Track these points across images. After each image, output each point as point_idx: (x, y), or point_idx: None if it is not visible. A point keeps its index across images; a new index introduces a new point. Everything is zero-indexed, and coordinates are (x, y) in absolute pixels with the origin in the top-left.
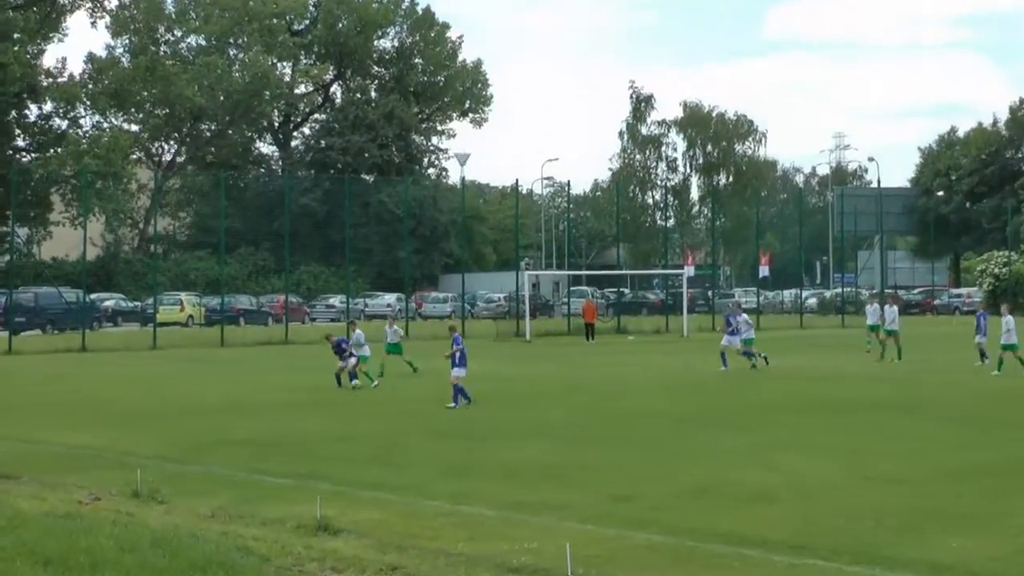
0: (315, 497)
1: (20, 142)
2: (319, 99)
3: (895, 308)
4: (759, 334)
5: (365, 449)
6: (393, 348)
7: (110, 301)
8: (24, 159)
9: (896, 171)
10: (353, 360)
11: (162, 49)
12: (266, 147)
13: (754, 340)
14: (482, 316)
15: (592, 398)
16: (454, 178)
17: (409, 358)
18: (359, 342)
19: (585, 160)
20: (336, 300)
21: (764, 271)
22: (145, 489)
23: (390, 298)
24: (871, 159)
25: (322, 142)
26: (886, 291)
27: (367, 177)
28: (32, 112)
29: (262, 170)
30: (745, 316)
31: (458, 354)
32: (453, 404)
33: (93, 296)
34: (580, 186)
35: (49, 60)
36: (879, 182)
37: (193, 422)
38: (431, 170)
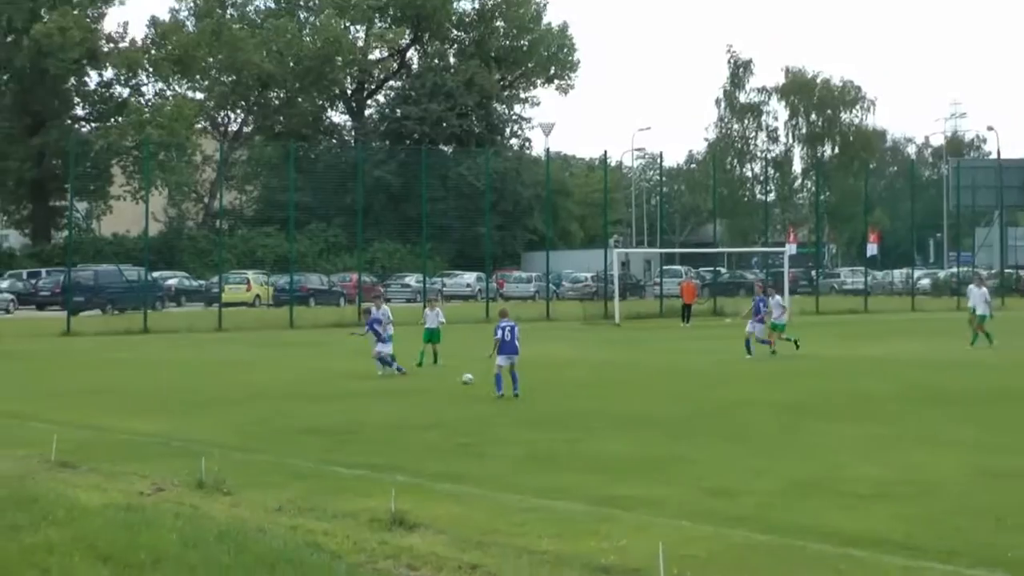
0: (390, 489)
1: (79, 111)
2: (394, 65)
3: (983, 289)
4: (855, 320)
5: (446, 438)
6: (432, 335)
7: (173, 280)
8: (83, 129)
9: (1018, 141)
10: (385, 347)
11: (228, 12)
12: (338, 116)
13: (785, 326)
14: (568, 297)
15: (689, 386)
16: (538, 149)
17: (421, 350)
18: (386, 320)
19: (679, 130)
20: (412, 279)
21: (872, 249)
22: (210, 479)
23: (469, 277)
24: (990, 128)
25: (397, 111)
26: (975, 271)
27: (445, 148)
28: (92, 79)
29: (334, 141)
30: (779, 299)
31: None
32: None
33: (155, 274)
34: (673, 158)
35: (110, 25)
36: (999, 153)
37: (261, 408)
38: (514, 141)
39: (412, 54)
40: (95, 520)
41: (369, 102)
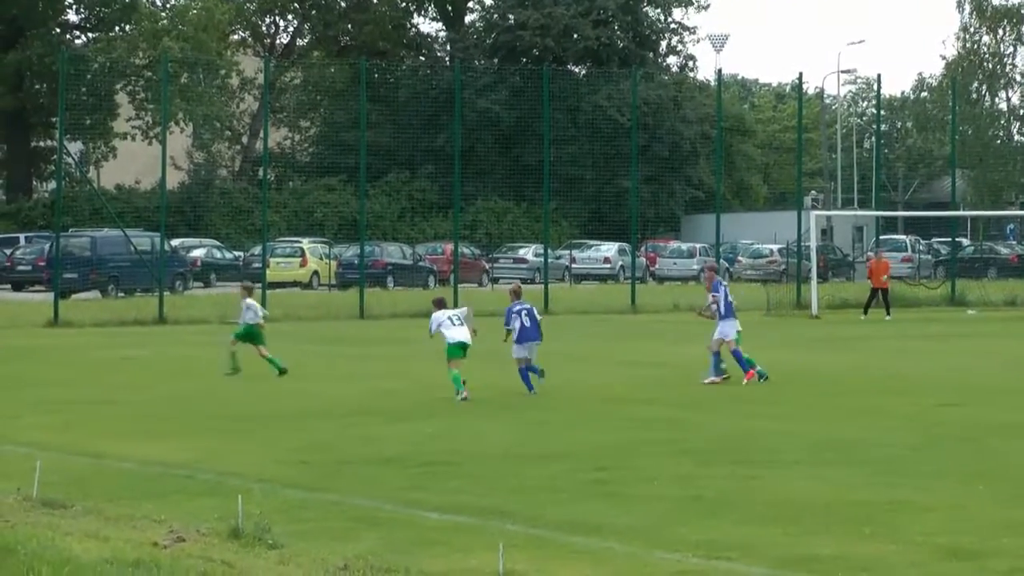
0: (498, 543)
1: (71, 15)
2: None
3: None
4: None
5: (575, 473)
6: (461, 347)
7: (200, 250)
8: (77, 41)
9: None
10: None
11: None
12: (427, 24)
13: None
14: (746, 278)
15: (915, 404)
16: (706, 71)
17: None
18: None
19: (904, 44)
20: (529, 251)
21: None
22: (249, 526)
23: (608, 250)
24: None
25: (509, 17)
26: None
27: (576, 69)
28: None
29: (422, 58)
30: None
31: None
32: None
33: (175, 242)
34: (896, 83)
35: None
36: None
37: (320, 430)
38: (672, 59)
39: None
40: None
41: (470, 4)
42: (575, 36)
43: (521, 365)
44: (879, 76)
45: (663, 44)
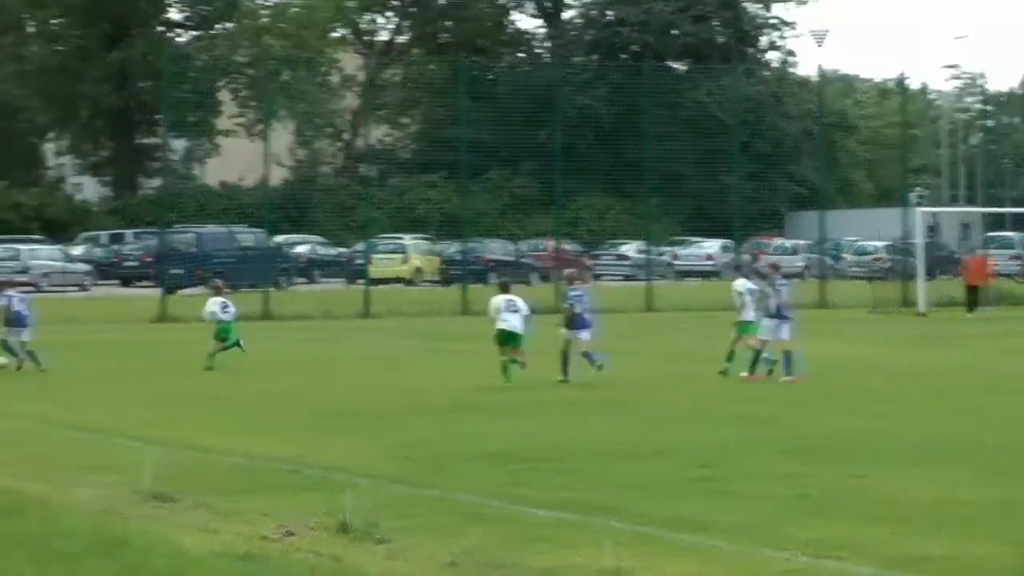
0: (604, 539)
1: (174, 14)
2: None
3: None
4: None
5: (679, 469)
6: (509, 336)
7: (304, 246)
8: (180, 39)
9: None
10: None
11: None
12: (527, 21)
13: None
14: (851, 275)
15: (1022, 403)
16: (807, 67)
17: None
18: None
19: (1009, 39)
20: (631, 248)
21: None
22: (357, 521)
23: (711, 246)
24: None
25: (608, 13)
26: None
27: (677, 66)
28: None
29: (521, 55)
30: (752, 286)
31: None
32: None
33: (279, 239)
34: (1003, 78)
35: None
36: None
37: (425, 425)
38: (772, 55)
39: None
40: (204, 573)
41: (569, 0)
42: (675, 32)
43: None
44: (982, 73)
45: (763, 40)
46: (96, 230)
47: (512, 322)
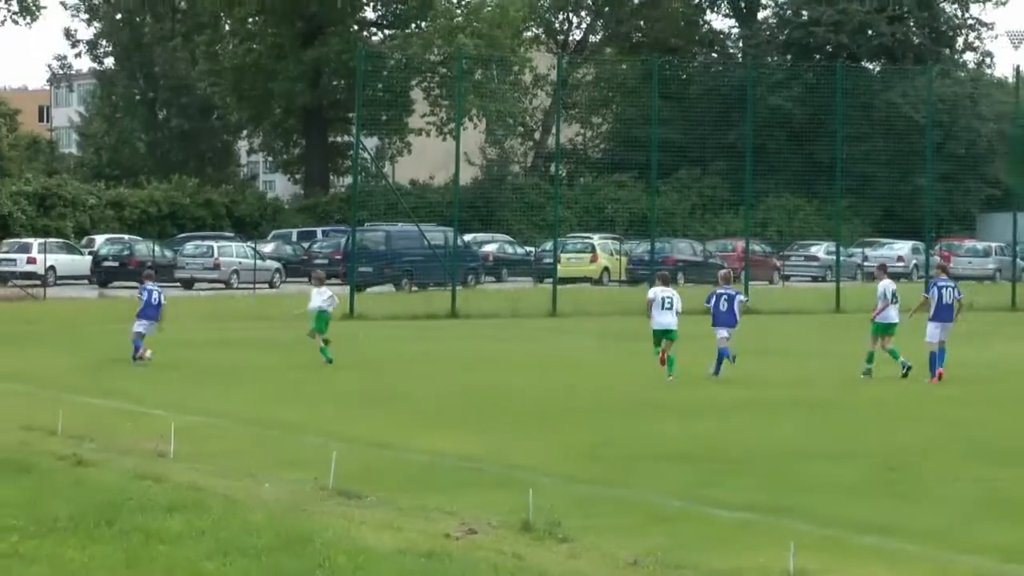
0: (788, 541)
1: (368, 13)
2: None
3: None
4: None
5: (866, 472)
6: (664, 334)
7: (492, 245)
8: (374, 38)
9: None
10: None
11: None
12: (720, 21)
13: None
14: None
15: None
16: (1003, 68)
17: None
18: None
19: None
20: (820, 249)
21: None
22: (540, 520)
23: (902, 248)
24: None
25: (803, 13)
26: None
27: (870, 66)
28: None
29: (714, 55)
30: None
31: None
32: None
33: (467, 237)
34: None
35: None
36: None
37: (609, 424)
38: (968, 55)
39: None
40: (386, 570)
41: (764, 0)
42: (870, 32)
43: (719, 346)
44: None
45: (960, 40)
46: (286, 228)
47: (666, 320)
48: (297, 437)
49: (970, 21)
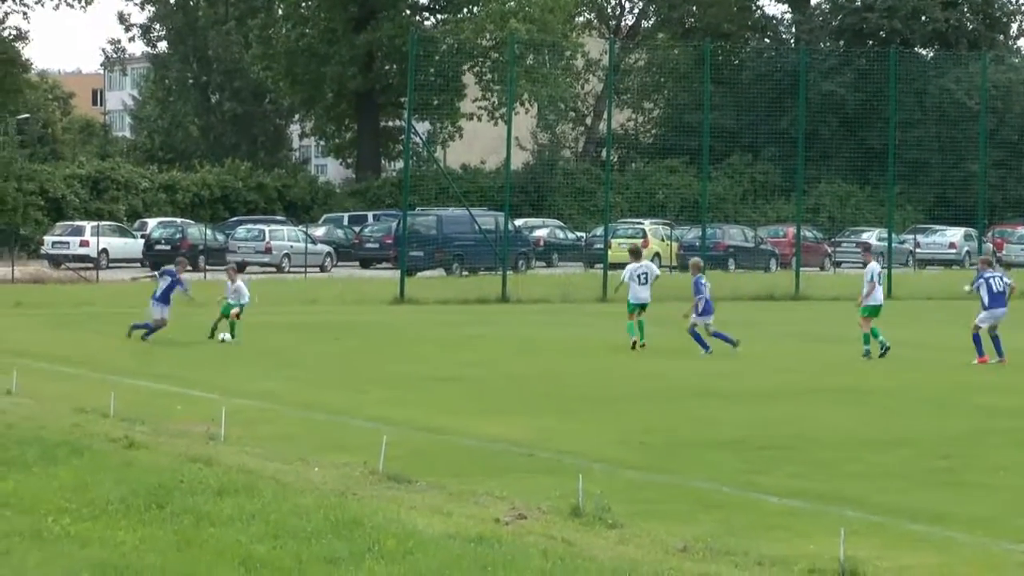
0: (838, 529)
1: None
2: None
3: None
4: None
5: (917, 460)
6: (639, 307)
7: (542, 230)
8: (426, 23)
9: None
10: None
11: None
12: (773, 7)
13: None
14: None
15: None
16: None
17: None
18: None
19: None
20: (872, 235)
21: None
22: (590, 506)
23: (954, 235)
24: None
25: (856, 0)
26: None
27: (923, 52)
28: None
29: (767, 40)
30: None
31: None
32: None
33: (518, 222)
34: None
35: None
36: None
37: (660, 410)
38: (1022, 42)
39: None
40: (436, 554)
41: None
42: (923, 18)
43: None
44: None
45: (1014, 26)
46: (338, 212)
47: (644, 294)
48: (347, 421)
49: None
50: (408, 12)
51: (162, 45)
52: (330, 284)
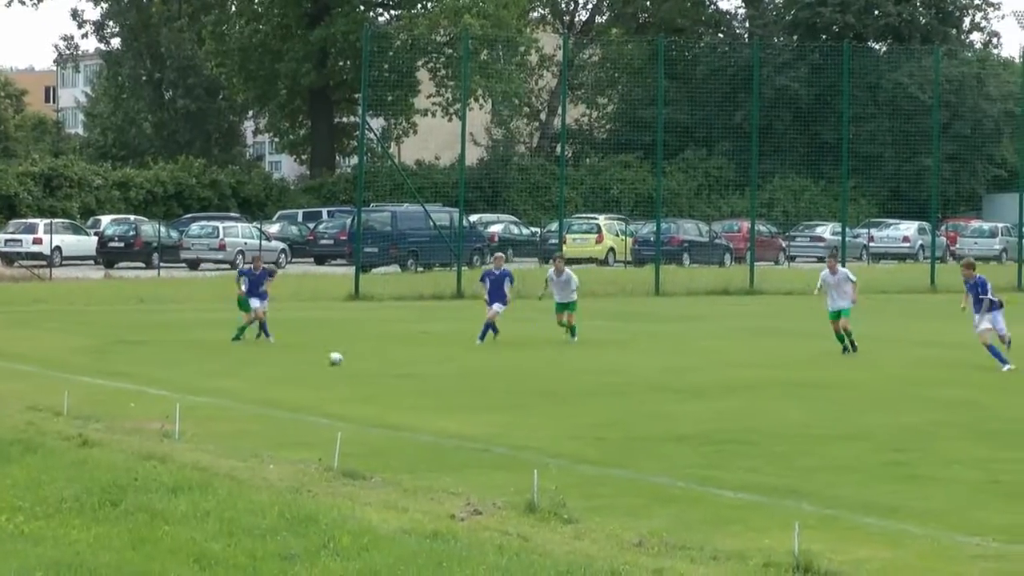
0: (793, 522)
1: None
2: None
3: None
4: None
5: (871, 454)
6: (565, 306)
7: (497, 226)
8: (380, 19)
9: None
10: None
11: None
12: (726, 1)
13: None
14: None
15: None
16: (1010, 48)
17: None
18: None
19: None
20: (826, 230)
21: None
22: (545, 501)
23: (907, 228)
24: None
25: None
26: None
27: (876, 46)
28: None
29: (720, 35)
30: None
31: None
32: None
33: (473, 218)
34: None
35: None
36: None
37: (615, 406)
38: (975, 36)
39: None
40: (391, 550)
41: None
42: (876, 13)
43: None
44: None
45: (966, 20)
46: (292, 208)
47: (564, 295)
48: (302, 418)
49: (977, 1)
50: (362, 8)
51: (115, 42)
52: (285, 281)
